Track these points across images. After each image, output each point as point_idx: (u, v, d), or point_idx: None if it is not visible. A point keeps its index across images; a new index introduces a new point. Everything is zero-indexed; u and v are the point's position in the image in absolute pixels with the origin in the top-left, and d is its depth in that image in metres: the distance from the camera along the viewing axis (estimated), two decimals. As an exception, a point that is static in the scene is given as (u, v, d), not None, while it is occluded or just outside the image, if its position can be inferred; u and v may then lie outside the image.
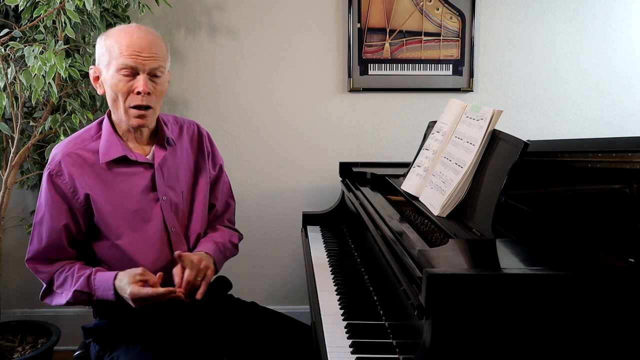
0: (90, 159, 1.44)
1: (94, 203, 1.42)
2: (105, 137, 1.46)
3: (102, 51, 1.41)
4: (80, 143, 1.45)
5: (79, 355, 1.54)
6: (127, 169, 1.46)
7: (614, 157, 1.55)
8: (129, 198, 1.45)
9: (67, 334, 2.40)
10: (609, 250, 1.11)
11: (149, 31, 1.43)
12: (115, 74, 1.38)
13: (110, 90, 1.41)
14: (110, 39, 1.40)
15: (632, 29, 2.57)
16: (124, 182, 1.45)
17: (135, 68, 1.38)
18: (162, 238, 1.48)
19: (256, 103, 2.57)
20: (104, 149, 1.44)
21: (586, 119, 2.63)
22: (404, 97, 2.58)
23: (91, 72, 1.46)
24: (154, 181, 1.48)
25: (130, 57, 1.37)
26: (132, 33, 1.39)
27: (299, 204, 2.58)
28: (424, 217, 1.53)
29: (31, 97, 1.88)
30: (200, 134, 1.63)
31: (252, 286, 2.66)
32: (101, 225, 1.43)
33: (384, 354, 1.16)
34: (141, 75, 1.38)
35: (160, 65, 1.41)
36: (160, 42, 1.44)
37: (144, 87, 1.38)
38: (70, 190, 1.41)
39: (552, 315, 0.96)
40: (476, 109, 1.49)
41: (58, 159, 1.42)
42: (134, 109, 1.40)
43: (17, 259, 2.59)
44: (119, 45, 1.38)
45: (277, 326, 1.56)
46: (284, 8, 2.51)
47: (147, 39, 1.40)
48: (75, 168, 1.42)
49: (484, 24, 2.55)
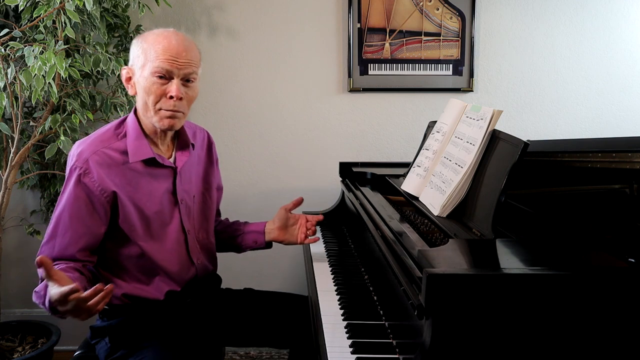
0: (117, 158, 1.43)
1: (120, 202, 1.41)
2: (134, 136, 1.45)
3: (138, 53, 1.42)
4: (106, 141, 1.44)
5: (79, 355, 1.54)
6: (152, 171, 1.47)
7: (614, 157, 1.55)
8: (151, 200, 1.46)
9: (67, 334, 2.40)
10: (609, 250, 1.11)
11: (185, 37, 1.44)
12: (150, 77, 1.39)
13: (143, 92, 1.42)
14: (147, 42, 1.41)
15: (632, 28, 2.57)
16: (148, 184, 1.46)
17: (170, 72, 1.39)
18: (179, 240, 1.52)
19: (256, 103, 2.57)
20: (133, 149, 1.44)
21: (586, 119, 2.63)
22: (403, 97, 2.58)
23: (124, 72, 1.47)
24: (175, 184, 1.50)
25: (166, 61, 1.38)
26: (170, 38, 1.40)
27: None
28: (424, 217, 1.53)
29: (31, 97, 1.88)
30: (210, 142, 1.68)
31: (251, 285, 2.65)
32: (124, 225, 1.43)
33: (384, 354, 1.16)
34: (175, 79, 1.40)
35: (194, 71, 1.43)
36: (196, 49, 1.45)
37: (177, 91, 1.39)
38: (99, 188, 1.39)
39: (552, 315, 0.96)
40: (476, 109, 1.49)
41: (85, 157, 1.40)
42: (165, 111, 1.41)
43: (17, 259, 2.60)
44: (156, 48, 1.39)
45: (273, 302, 1.66)
46: (284, 8, 2.51)
47: (184, 45, 1.41)
48: (103, 167, 1.40)
49: (484, 24, 2.55)
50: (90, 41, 2.11)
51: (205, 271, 1.62)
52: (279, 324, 1.61)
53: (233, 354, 2.57)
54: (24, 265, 2.61)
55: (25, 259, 2.60)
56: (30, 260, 2.60)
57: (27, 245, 2.58)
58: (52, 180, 2.37)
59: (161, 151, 1.50)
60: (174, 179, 1.51)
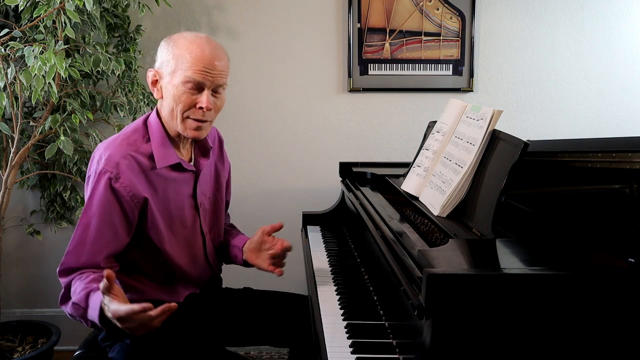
0: (145, 163, 1.40)
1: (150, 208, 1.39)
2: (159, 141, 1.42)
3: (168, 58, 1.38)
4: (133, 144, 1.40)
5: (79, 355, 1.53)
6: (176, 175, 1.46)
7: (614, 157, 1.55)
8: (175, 204, 1.45)
9: (67, 334, 2.40)
10: (609, 250, 1.11)
11: (217, 46, 1.40)
12: (180, 86, 1.36)
13: (171, 99, 1.38)
14: (180, 48, 1.37)
15: (632, 28, 2.57)
16: (172, 189, 1.45)
17: (202, 84, 1.36)
18: (198, 243, 1.53)
19: (256, 103, 2.57)
20: (160, 154, 1.41)
21: (586, 119, 2.63)
22: (403, 97, 2.58)
23: (150, 74, 1.43)
24: (195, 188, 1.50)
25: (199, 72, 1.35)
26: (203, 47, 1.36)
27: (299, 204, 2.57)
28: (424, 217, 1.53)
29: (31, 97, 1.88)
30: (220, 140, 1.67)
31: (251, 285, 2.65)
32: (152, 231, 1.41)
33: (384, 354, 1.16)
34: (206, 91, 1.37)
35: (225, 82, 1.41)
36: (226, 58, 1.42)
37: (207, 103, 1.37)
38: (130, 194, 1.36)
39: (552, 315, 0.96)
40: (476, 109, 1.49)
41: (116, 161, 1.35)
42: (193, 120, 1.39)
43: (17, 259, 2.60)
44: (189, 57, 1.35)
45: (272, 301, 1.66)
46: (284, 8, 2.51)
47: (217, 55, 1.38)
48: (134, 172, 1.37)
49: (484, 24, 2.55)
50: (90, 41, 2.11)
51: (219, 270, 1.64)
52: (278, 323, 1.61)
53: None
54: (24, 265, 2.61)
55: (25, 259, 2.60)
56: (31, 261, 2.60)
57: (27, 246, 2.58)
58: (52, 180, 2.37)
59: (182, 155, 1.49)
60: (194, 182, 1.50)
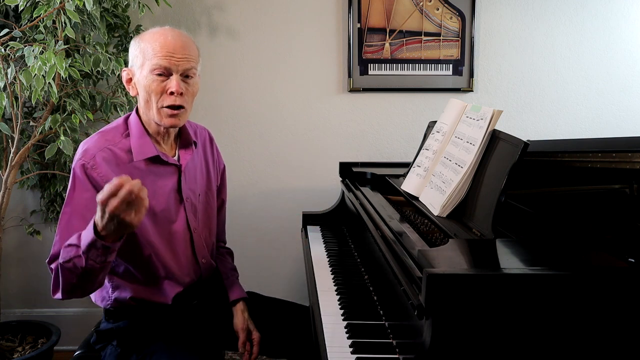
0: (123, 157, 1.43)
1: None
2: (137, 135, 1.45)
3: (136, 53, 1.43)
4: (111, 140, 1.44)
5: (79, 355, 1.53)
6: (156, 169, 1.47)
7: (614, 157, 1.55)
8: (156, 198, 1.46)
9: (67, 334, 2.41)
10: (609, 250, 1.11)
11: (181, 33, 1.44)
12: (149, 75, 1.40)
13: (144, 91, 1.42)
14: (144, 42, 1.42)
15: (632, 28, 2.57)
16: (153, 183, 1.45)
17: (168, 69, 1.39)
18: (185, 239, 1.53)
19: (256, 103, 2.57)
20: (137, 148, 1.44)
21: (586, 119, 2.63)
22: (403, 97, 2.58)
23: (124, 74, 1.47)
24: (180, 183, 1.51)
25: (164, 57, 1.38)
26: (166, 35, 1.41)
27: (299, 204, 2.58)
28: (424, 217, 1.53)
29: (31, 97, 1.88)
30: (211, 140, 1.69)
31: (252, 286, 2.64)
32: None
33: (384, 354, 1.16)
34: (174, 75, 1.40)
35: (193, 66, 1.43)
36: (193, 45, 1.46)
37: (177, 87, 1.39)
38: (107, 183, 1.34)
39: (552, 315, 0.96)
40: (476, 109, 1.49)
41: (92, 153, 1.39)
42: (167, 108, 1.41)
43: (17, 259, 2.60)
44: (153, 46, 1.39)
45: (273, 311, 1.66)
46: (284, 8, 2.51)
47: (181, 40, 1.42)
48: (110, 164, 1.40)
49: (484, 24, 2.55)
50: (90, 41, 2.11)
51: (210, 270, 1.62)
52: (277, 334, 1.60)
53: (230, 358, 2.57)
54: (24, 265, 2.61)
55: (25, 259, 2.60)
56: (30, 261, 2.60)
57: (27, 245, 2.59)
58: (52, 180, 2.37)
59: (164, 150, 1.50)
60: (178, 177, 1.51)
